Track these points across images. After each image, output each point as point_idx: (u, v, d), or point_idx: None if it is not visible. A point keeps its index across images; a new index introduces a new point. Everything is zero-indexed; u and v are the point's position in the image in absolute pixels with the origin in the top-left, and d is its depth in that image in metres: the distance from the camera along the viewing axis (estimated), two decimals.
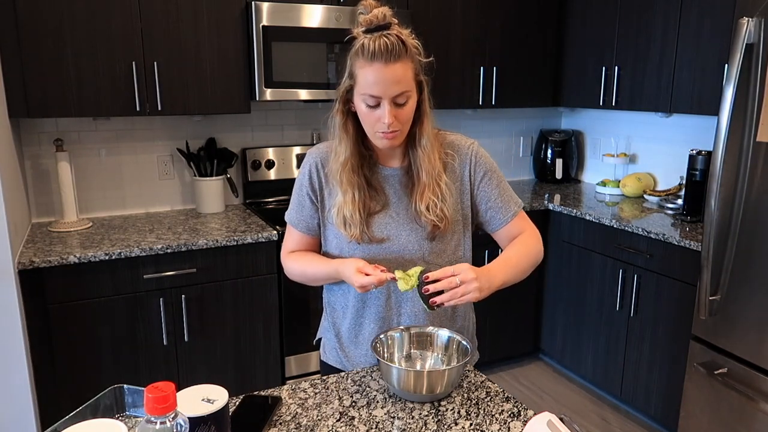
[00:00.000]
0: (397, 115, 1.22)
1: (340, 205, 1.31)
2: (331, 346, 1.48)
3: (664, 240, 2.46)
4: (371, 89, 1.19)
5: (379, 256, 1.33)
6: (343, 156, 1.29)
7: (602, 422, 2.81)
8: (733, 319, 2.09)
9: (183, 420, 0.76)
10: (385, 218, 1.33)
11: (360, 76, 1.20)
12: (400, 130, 1.24)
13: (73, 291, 2.18)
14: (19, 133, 2.53)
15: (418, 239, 1.33)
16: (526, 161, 3.80)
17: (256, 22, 2.48)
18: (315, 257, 1.39)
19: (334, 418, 1.12)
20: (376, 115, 1.22)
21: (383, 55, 1.16)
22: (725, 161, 2.01)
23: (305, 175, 1.37)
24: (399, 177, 1.35)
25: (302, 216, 1.39)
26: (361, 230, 1.31)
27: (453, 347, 1.27)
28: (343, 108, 1.28)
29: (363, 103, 1.22)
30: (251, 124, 2.98)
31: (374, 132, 1.25)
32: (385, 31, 1.18)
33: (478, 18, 3.06)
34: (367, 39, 1.18)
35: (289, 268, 1.43)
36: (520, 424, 1.10)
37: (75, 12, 2.25)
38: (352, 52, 1.22)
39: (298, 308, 2.61)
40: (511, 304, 3.14)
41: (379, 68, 1.17)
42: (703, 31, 2.54)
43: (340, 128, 1.29)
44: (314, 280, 1.40)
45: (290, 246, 1.44)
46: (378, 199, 1.34)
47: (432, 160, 1.30)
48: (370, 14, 1.19)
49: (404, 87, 1.20)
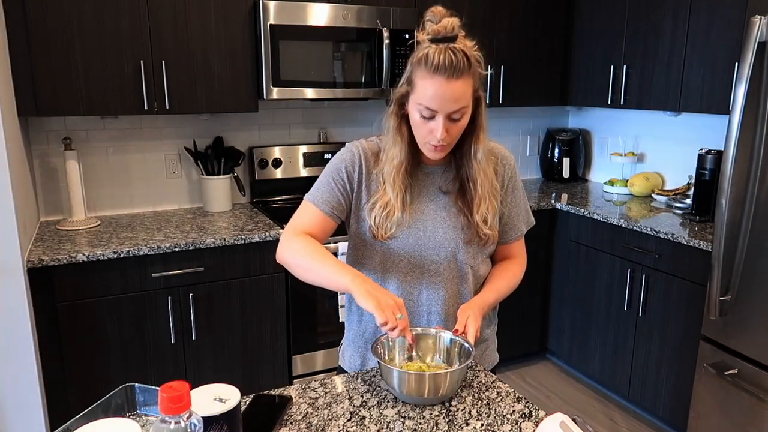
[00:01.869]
0: (450, 129, 1.21)
1: (390, 206, 1.29)
2: (350, 353, 1.46)
3: (673, 240, 2.45)
4: (429, 102, 1.17)
5: (415, 253, 1.33)
6: (398, 159, 1.28)
7: (610, 422, 2.80)
8: (743, 319, 2.08)
9: (197, 420, 0.76)
10: (422, 215, 1.33)
11: (419, 87, 1.19)
12: (449, 144, 1.24)
13: (82, 289, 2.18)
14: (28, 131, 2.54)
15: (455, 238, 1.33)
16: (533, 160, 3.79)
17: (263, 21, 2.48)
18: (330, 256, 1.26)
19: (345, 417, 1.11)
20: (428, 127, 1.21)
21: (447, 70, 1.14)
22: (736, 160, 2.00)
23: (345, 161, 1.33)
24: (439, 174, 1.36)
25: (330, 196, 1.33)
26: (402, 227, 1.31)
27: (455, 350, 1.24)
28: (398, 111, 1.28)
29: (417, 113, 1.21)
30: (258, 123, 2.98)
31: (424, 142, 1.25)
32: (451, 43, 1.16)
33: (486, 17, 3.05)
34: (433, 49, 1.16)
35: (291, 254, 1.28)
36: (532, 425, 1.10)
37: (84, 11, 2.25)
38: (414, 59, 1.20)
39: (306, 307, 2.60)
40: (518, 304, 3.13)
41: (440, 83, 1.15)
42: (713, 29, 2.53)
43: (395, 131, 1.28)
44: (314, 279, 1.26)
45: (301, 224, 1.32)
46: (416, 196, 1.34)
47: (488, 173, 1.31)
48: (439, 24, 1.17)
49: (462, 104, 1.19)
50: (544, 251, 3.17)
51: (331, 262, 1.23)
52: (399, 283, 1.35)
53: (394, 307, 1.13)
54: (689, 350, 2.44)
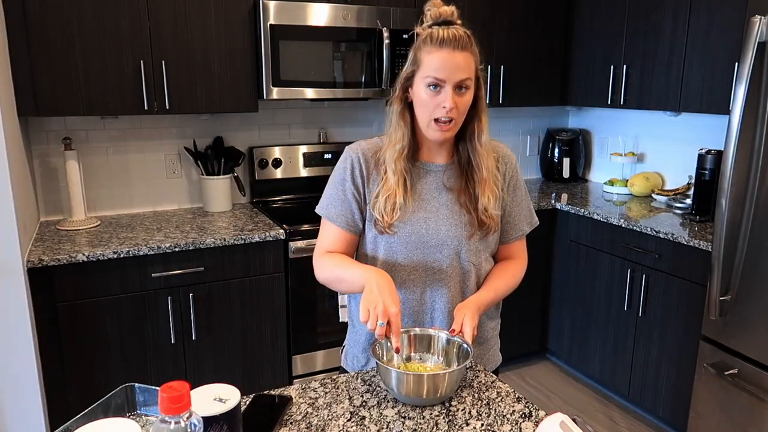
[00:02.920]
0: (457, 102, 1.24)
1: (391, 192, 1.30)
2: (353, 355, 1.46)
3: (673, 240, 2.45)
4: (437, 72, 1.22)
5: (417, 251, 1.33)
6: (400, 144, 1.30)
7: (610, 422, 2.80)
8: (743, 319, 2.08)
9: (197, 420, 0.76)
10: (425, 213, 1.33)
11: (426, 61, 1.23)
12: (455, 121, 1.26)
13: (82, 289, 2.18)
14: (28, 131, 2.54)
15: (458, 235, 1.33)
16: (533, 160, 3.79)
17: (263, 21, 2.48)
18: (352, 262, 1.31)
19: (345, 417, 1.11)
20: (437, 100, 1.24)
21: (452, 42, 1.21)
22: (736, 160, 2.00)
23: (346, 170, 1.34)
24: (441, 173, 1.36)
25: (342, 210, 1.34)
26: (405, 216, 1.31)
27: (453, 350, 1.24)
28: (402, 95, 1.30)
29: (425, 87, 1.24)
30: (258, 123, 2.98)
31: (430, 120, 1.26)
32: (452, 25, 1.24)
33: (486, 17, 3.05)
34: (436, 29, 1.23)
35: (322, 272, 1.34)
36: (532, 425, 1.10)
37: (84, 11, 2.25)
38: (417, 43, 1.26)
39: (305, 307, 2.60)
40: (518, 304, 3.13)
41: (447, 53, 1.21)
42: (713, 29, 2.53)
43: (398, 115, 1.31)
44: (349, 288, 1.32)
45: (326, 245, 1.36)
46: (419, 193, 1.34)
47: (490, 161, 1.33)
48: (439, 9, 1.25)
49: (468, 74, 1.23)
50: (544, 251, 3.17)
51: (354, 266, 1.29)
52: (402, 283, 1.34)
53: (383, 312, 1.13)
54: (689, 350, 2.44)
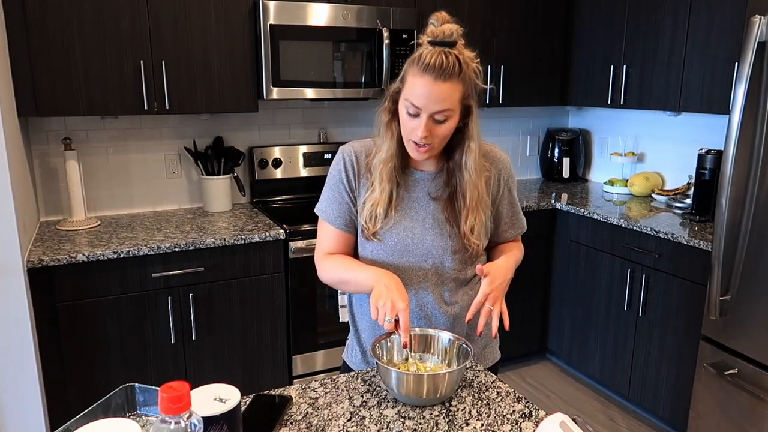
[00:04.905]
0: (433, 130, 1.22)
1: (375, 201, 1.30)
2: (356, 352, 1.46)
3: (673, 239, 2.45)
4: (414, 99, 1.20)
5: (402, 259, 1.33)
6: (386, 153, 1.30)
7: (610, 422, 2.80)
8: (743, 319, 2.08)
9: (197, 420, 0.76)
10: (411, 222, 1.33)
11: (409, 84, 1.22)
12: (432, 146, 1.25)
13: (82, 289, 2.18)
14: (28, 131, 2.54)
15: (443, 246, 1.33)
16: (533, 160, 3.79)
17: (263, 21, 2.48)
18: (355, 263, 1.33)
19: (345, 417, 1.11)
20: (412, 124, 1.23)
21: (435, 71, 1.17)
22: (736, 160, 2.00)
23: (341, 171, 1.35)
24: (429, 181, 1.35)
25: (340, 212, 1.36)
26: (389, 224, 1.31)
27: (453, 350, 1.24)
28: (391, 107, 1.29)
29: (404, 109, 1.24)
30: (258, 123, 2.98)
31: (408, 140, 1.26)
32: (447, 48, 1.19)
33: (486, 17, 3.05)
34: (428, 50, 1.19)
35: (327, 274, 1.36)
36: (532, 425, 1.10)
37: (84, 11, 2.25)
38: (410, 58, 1.23)
39: (305, 307, 2.60)
40: (518, 304, 3.13)
41: (428, 82, 1.18)
42: (713, 29, 2.53)
43: (385, 126, 1.30)
44: (355, 289, 1.34)
45: (326, 246, 1.38)
46: (405, 201, 1.34)
47: (479, 186, 1.31)
48: (439, 28, 1.20)
49: (446, 106, 1.20)
50: (544, 251, 3.16)
51: (359, 268, 1.30)
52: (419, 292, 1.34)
53: (391, 308, 1.17)
54: (689, 350, 2.44)
